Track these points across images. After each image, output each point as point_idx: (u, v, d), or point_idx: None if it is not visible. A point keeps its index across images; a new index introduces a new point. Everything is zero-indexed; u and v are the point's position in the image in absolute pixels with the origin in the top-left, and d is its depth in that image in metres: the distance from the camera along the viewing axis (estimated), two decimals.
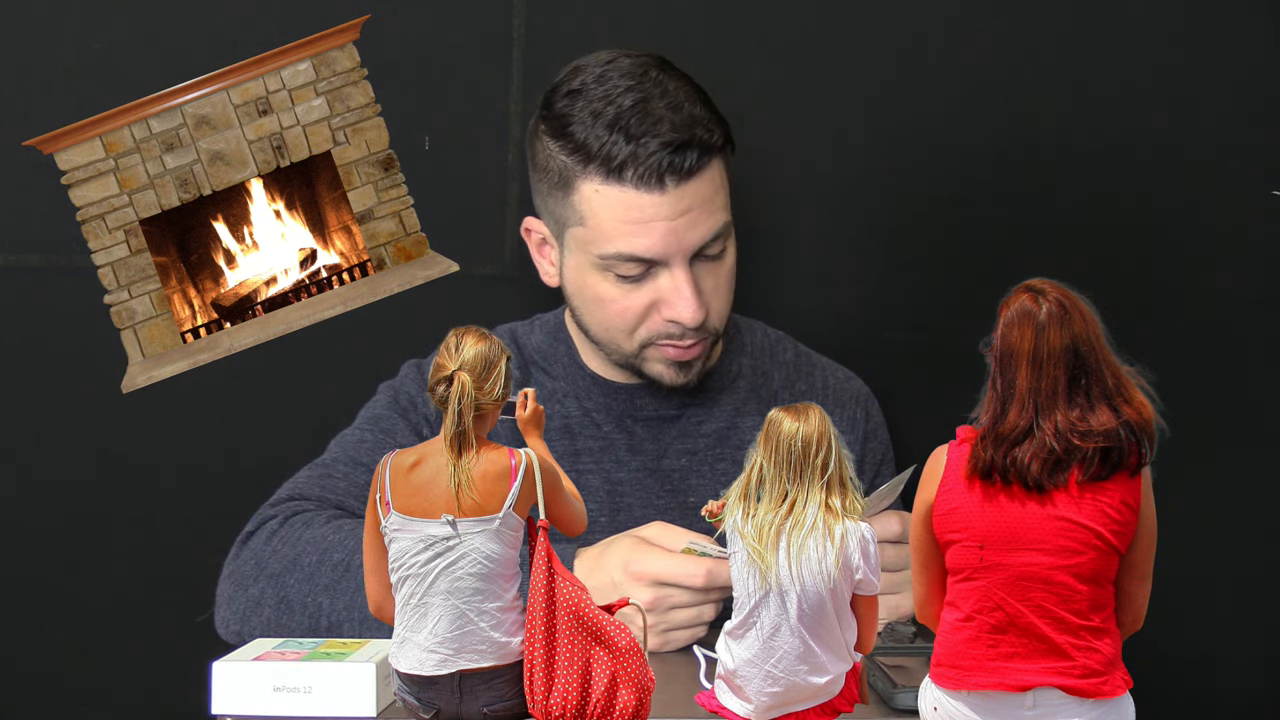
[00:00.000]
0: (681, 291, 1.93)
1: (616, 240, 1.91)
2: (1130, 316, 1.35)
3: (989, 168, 2.33)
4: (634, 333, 1.98)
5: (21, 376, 2.30)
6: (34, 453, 2.30)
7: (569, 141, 1.92)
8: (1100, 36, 2.33)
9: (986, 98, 2.33)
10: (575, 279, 2.00)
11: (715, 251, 1.95)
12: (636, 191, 1.89)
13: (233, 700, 1.46)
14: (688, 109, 1.92)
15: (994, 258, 2.30)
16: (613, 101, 1.91)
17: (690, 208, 1.91)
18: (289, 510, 1.94)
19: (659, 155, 1.88)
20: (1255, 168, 2.32)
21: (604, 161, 1.89)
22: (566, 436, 2.04)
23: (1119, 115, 2.33)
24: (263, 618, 1.86)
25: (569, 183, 1.94)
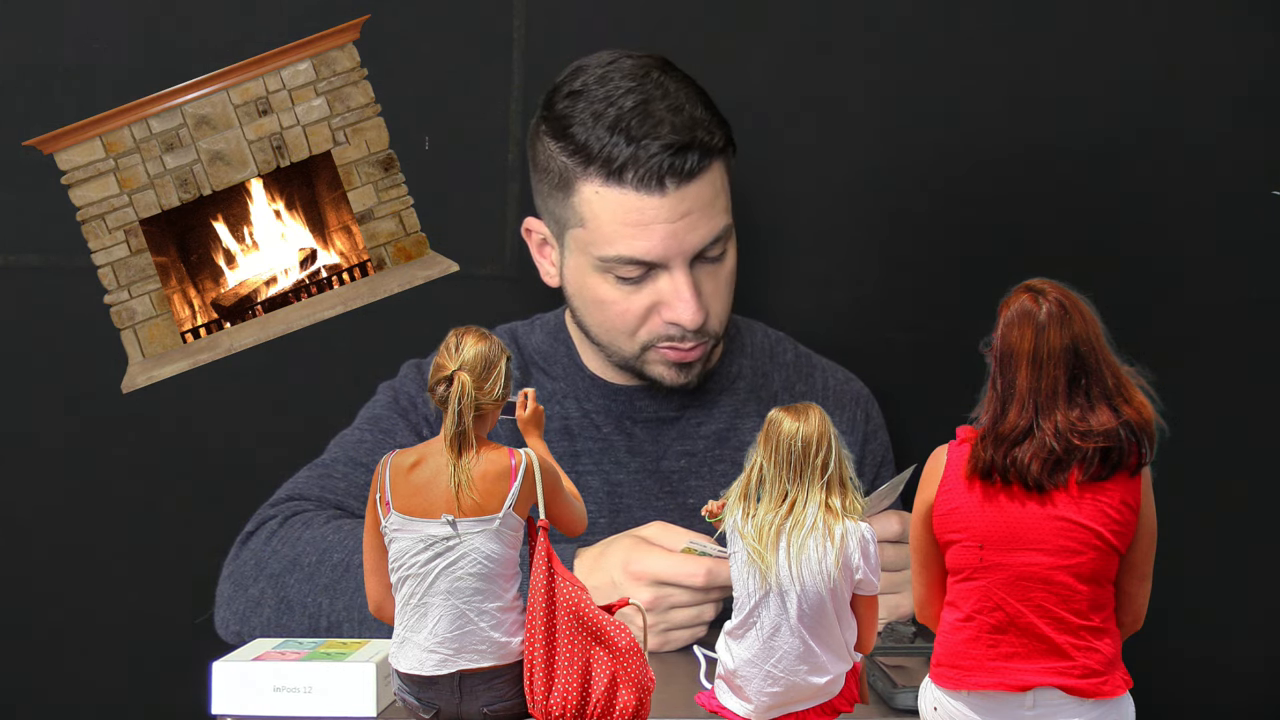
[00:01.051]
0: (682, 294, 1.92)
1: (617, 242, 1.91)
2: (1130, 316, 1.35)
3: (989, 168, 2.33)
4: (634, 335, 1.98)
5: (21, 376, 2.30)
6: (34, 453, 2.30)
7: (570, 143, 1.92)
8: (1100, 36, 2.33)
9: (987, 98, 2.33)
10: (576, 280, 2.00)
11: (716, 254, 1.95)
12: (637, 194, 1.89)
13: (233, 700, 1.46)
14: (689, 111, 1.92)
15: (994, 258, 2.30)
16: (614, 103, 1.90)
17: (691, 210, 1.91)
18: (288, 510, 1.94)
19: (660, 157, 1.88)
20: (1255, 168, 2.32)
21: (605, 163, 1.89)
22: (566, 437, 2.04)
23: (1119, 115, 2.33)
24: (262, 618, 1.86)
25: (570, 184, 1.93)
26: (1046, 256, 2.28)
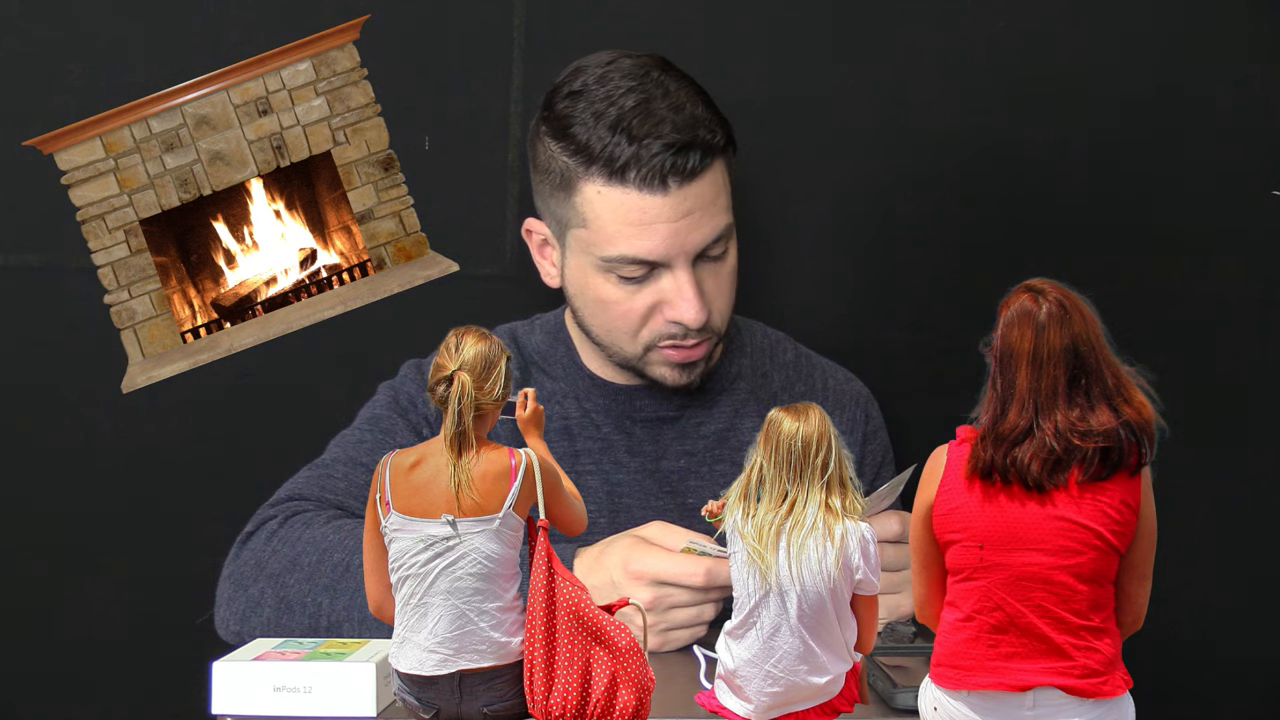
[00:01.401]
0: (684, 293, 1.92)
1: (619, 242, 1.91)
2: (1130, 316, 1.35)
3: (989, 168, 2.33)
4: (637, 335, 1.97)
5: (21, 376, 2.30)
6: (34, 452, 2.30)
7: (571, 143, 1.92)
8: (1101, 36, 2.33)
9: (987, 98, 2.33)
10: (577, 280, 1.99)
11: (717, 252, 1.95)
12: (639, 193, 1.89)
13: (233, 700, 1.46)
14: (690, 109, 1.92)
15: (994, 258, 2.30)
16: (614, 102, 1.90)
17: (693, 209, 1.91)
18: (288, 510, 1.94)
19: (662, 157, 1.88)
20: (1255, 168, 2.32)
21: (606, 163, 1.89)
22: (566, 437, 2.04)
23: (1119, 115, 2.32)
24: (262, 618, 1.86)
25: (571, 184, 1.93)
26: (1047, 256, 2.28)
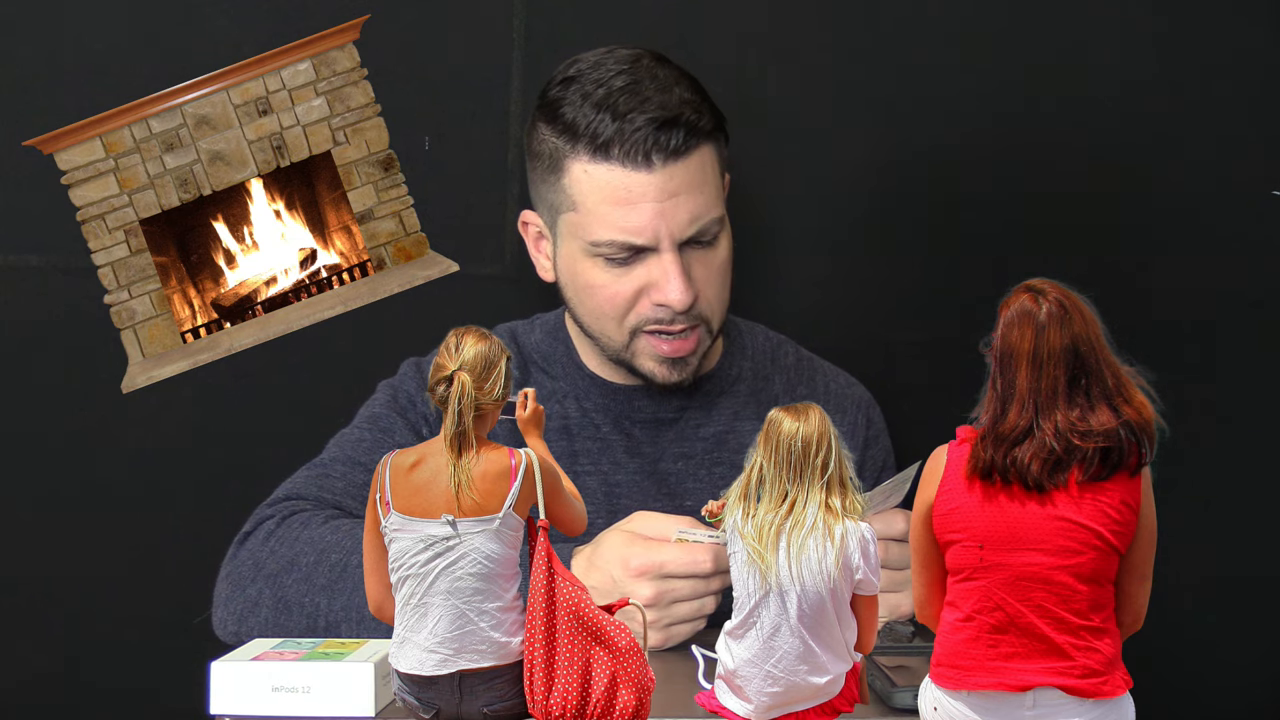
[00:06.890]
0: (669, 274, 1.92)
1: (606, 222, 1.92)
2: (1130, 316, 1.35)
3: (989, 168, 2.33)
4: (623, 320, 1.97)
5: (21, 376, 2.30)
6: (33, 453, 2.30)
7: (559, 123, 1.93)
8: (1101, 37, 2.33)
9: (987, 98, 2.33)
10: (568, 268, 2.00)
11: (706, 238, 1.95)
12: (624, 169, 1.90)
13: (231, 700, 1.46)
14: (677, 92, 1.93)
15: (994, 258, 2.30)
16: (603, 84, 1.92)
17: (678, 190, 1.91)
18: (286, 510, 1.94)
19: (644, 131, 1.88)
20: (1255, 168, 2.32)
21: (591, 139, 1.90)
22: (565, 437, 2.04)
23: (1119, 115, 2.33)
24: (260, 618, 1.86)
25: (559, 164, 1.94)
26: (1046, 256, 2.28)
